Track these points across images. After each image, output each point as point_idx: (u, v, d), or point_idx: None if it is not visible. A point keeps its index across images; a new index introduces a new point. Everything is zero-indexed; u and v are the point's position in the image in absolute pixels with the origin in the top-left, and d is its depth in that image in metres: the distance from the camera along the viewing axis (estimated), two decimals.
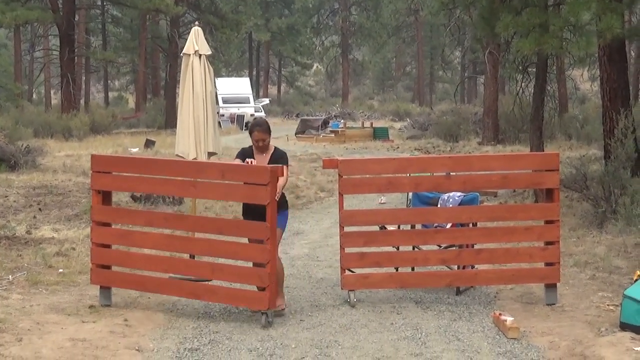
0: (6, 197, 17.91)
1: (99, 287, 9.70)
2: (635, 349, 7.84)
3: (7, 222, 14.35)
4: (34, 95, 71.94)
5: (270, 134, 9.67)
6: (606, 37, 15.18)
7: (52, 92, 68.97)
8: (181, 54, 12.27)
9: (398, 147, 36.60)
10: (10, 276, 10.72)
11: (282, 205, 9.52)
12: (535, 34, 15.34)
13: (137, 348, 8.13)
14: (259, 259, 8.94)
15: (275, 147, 9.77)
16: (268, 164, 9.34)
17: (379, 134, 41.93)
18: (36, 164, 23.93)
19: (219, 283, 9.89)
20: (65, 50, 43.53)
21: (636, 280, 8.83)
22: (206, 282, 9.91)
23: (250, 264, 9.42)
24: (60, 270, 11.11)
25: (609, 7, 14.81)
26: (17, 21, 44.18)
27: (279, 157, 9.59)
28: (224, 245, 9.28)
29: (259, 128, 9.58)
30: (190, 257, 10.65)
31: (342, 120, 50.55)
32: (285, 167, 9.45)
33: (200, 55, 11.58)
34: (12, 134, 27.62)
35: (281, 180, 9.16)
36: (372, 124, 47.64)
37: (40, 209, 16.32)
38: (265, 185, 8.67)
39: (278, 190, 8.98)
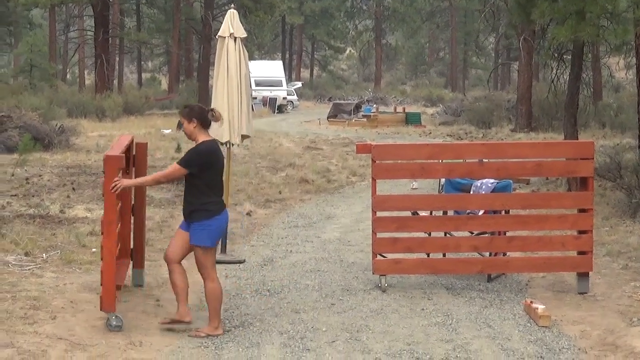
0: (40, 176, 18.04)
1: (131, 265, 9.77)
2: None
3: (41, 201, 14.48)
4: (68, 76, 72.18)
5: (189, 120, 8.09)
6: None
7: (85, 72, 69.27)
8: (216, 37, 12.27)
9: (430, 133, 36.50)
10: (44, 254, 10.82)
11: (200, 213, 8.05)
12: (571, 21, 15.24)
13: (168, 328, 8.19)
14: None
15: (203, 142, 8.12)
16: None
17: (411, 120, 41.82)
18: (70, 144, 24.11)
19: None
20: (100, 31, 43.70)
21: None
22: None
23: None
24: (94, 249, 11.17)
25: None
26: (53, 1, 44.52)
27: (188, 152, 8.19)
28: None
29: (179, 111, 8.67)
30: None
31: (374, 105, 50.43)
32: (177, 165, 8.04)
33: (235, 38, 11.57)
34: (46, 114, 27.77)
35: (143, 179, 8.49)
36: (404, 109, 47.54)
37: (73, 189, 16.43)
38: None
39: (127, 183, 8.24)
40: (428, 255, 10.45)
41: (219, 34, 11.77)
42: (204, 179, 7.97)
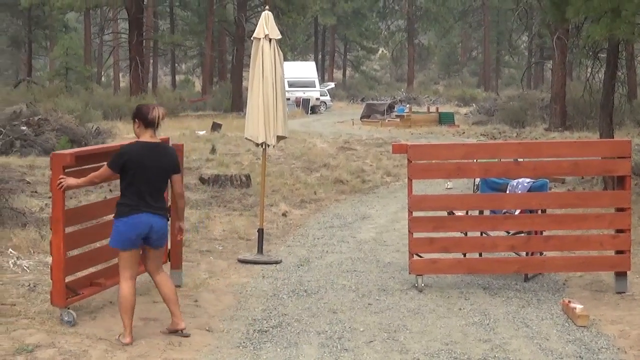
0: None
1: (169, 266, 9.82)
2: None
3: (79, 203, 14.57)
4: (103, 78, 72.81)
5: (133, 121, 7.96)
6: None
7: (120, 75, 69.84)
8: (251, 38, 12.30)
9: (464, 133, 36.40)
10: None
11: (115, 212, 7.93)
12: (606, 19, 15.13)
13: (207, 328, 8.24)
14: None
15: (130, 142, 8.05)
16: None
17: (445, 119, 41.75)
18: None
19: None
20: (134, 34, 44.02)
21: None
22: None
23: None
24: None
25: None
26: (88, 5, 44.92)
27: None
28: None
29: None
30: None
31: (407, 105, 50.37)
32: (105, 165, 7.90)
33: (270, 40, 11.59)
34: (82, 116, 28.06)
35: (81, 180, 8.16)
36: (437, 108, 47.48)
37: (110, 190, 16.52)
38: None
39: (71, 182, 8.06)
40: (464, 255, 10.44)
41: (254, 35, 11.79)
42: (124, 180, 7.78)
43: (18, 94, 40.48)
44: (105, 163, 7.88)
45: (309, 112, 52.10)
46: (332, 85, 69.01)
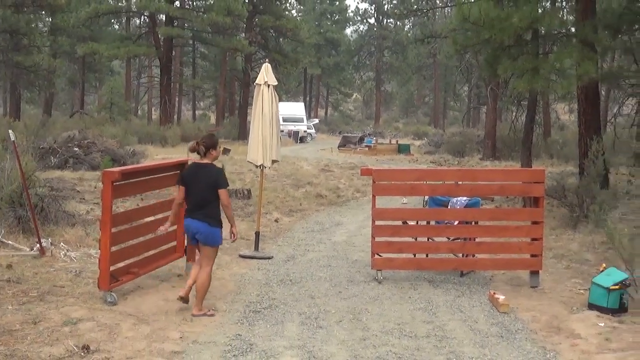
0: None
1: (185, 259, 9.77)
2: (600, 324, 7.78)
3: (117, 209, 14.48)
4: (139, 112, 72.45)
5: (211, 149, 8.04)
6: (583, 80, 15.10)
7: (152, 109, 69.55)
8: (254, 84, 12.28)
9: (417, 160, 36.41)
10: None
11: None
12: (528, 76, 15.24)
13: (213, 308, 8.19)
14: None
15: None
16: None
17: (403, 149, 41.74)
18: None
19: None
20: (164, 78, 43.90)
21: (602, 270, 8.74)
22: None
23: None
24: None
25: (586, 56, 14.71)
26: (129, 55, 44.89)
27: None
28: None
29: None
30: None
31: (374, 138, 50.31)
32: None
33: (268, 85, 11.59)
34: (122, 141, 27.88)
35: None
36: (397, 141, 47.48)
37: (142, 199, 16.43)
38: None
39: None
40: (415, 255, 10.42)
41: (256, 81, 11.78)
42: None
43: (72, 122, 40.27)
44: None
45: (298, 141, 52.00)
46: (316, 120, 68.96)
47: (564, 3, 20.59)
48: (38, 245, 10.20)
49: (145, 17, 51.76)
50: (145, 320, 7.53)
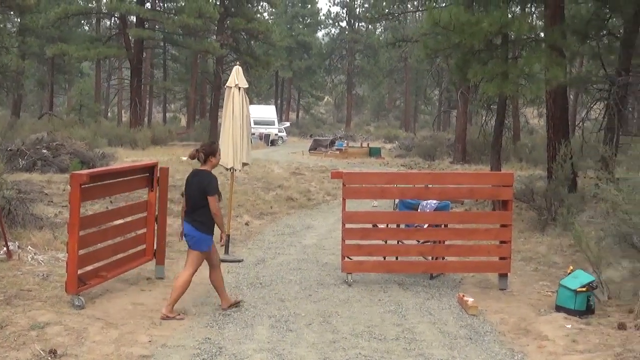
0: None
1: (155, 262, 9.72)
2: (567, 326, 7.85)
3: (86, 211, 14.34)
4: (109, 114, 71.86)
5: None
6: (552, 84, 15.22)
7: (122, 111, 69.05)
8: (224, 86, 12.26)
9: (388, 163, 36.54)
10: None
11: None
12: (497, 80, 15.36)
13: (183, 311, 8.15)
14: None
15: None
16: None
17: (374, 153, 41.86)
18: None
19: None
20: (135, 80, 43.66)
21: (569, 273, 8.82)
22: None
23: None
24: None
25: (554, 61, 14.87)
26: (99, 56, 44.52)
27: None
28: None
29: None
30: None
31: (345, 141, 50.41)
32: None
33: (239, 88, 11.57)
34: (91, 143, 27.58)
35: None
36: (368, 144, 47.57)
37: (111, 202, 16.31)
38: None
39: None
40: (384, 258, 10.45)
41: (227, 84, 11.76)
42: None
43: (41, 124, 39.86)
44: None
45: (269, 144, 51.96)
46: (287, 124, 68.88)
47: (533, 8, 20.76)
48: (5, 248, 10.08)
49: (116, 19, 51.36)
50: (114, 324, 7.47)
